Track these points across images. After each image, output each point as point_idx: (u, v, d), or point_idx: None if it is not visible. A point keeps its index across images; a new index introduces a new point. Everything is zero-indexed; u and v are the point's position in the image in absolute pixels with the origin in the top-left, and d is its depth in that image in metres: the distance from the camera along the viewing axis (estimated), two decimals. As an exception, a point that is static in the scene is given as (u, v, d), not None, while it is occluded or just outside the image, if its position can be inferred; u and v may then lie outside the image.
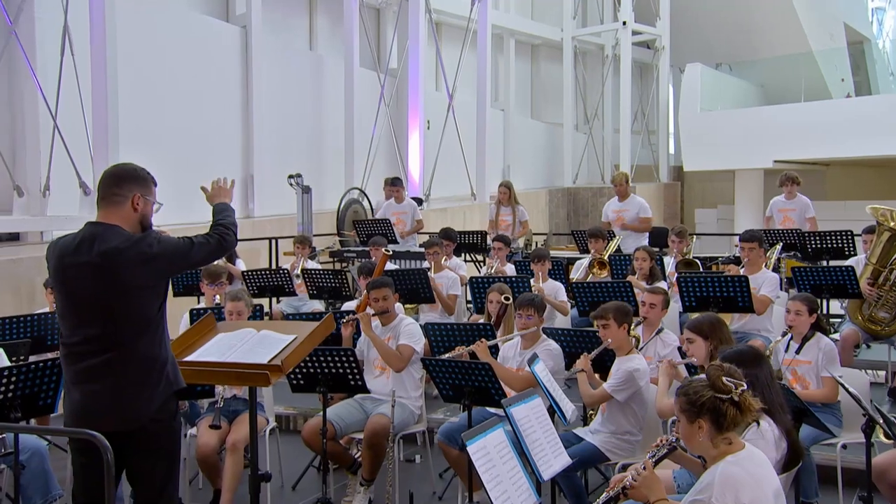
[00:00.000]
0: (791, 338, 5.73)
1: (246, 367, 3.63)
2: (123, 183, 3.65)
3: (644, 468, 3.34)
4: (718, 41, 23.56)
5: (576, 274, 8.92)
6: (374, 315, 5.87)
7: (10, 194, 10.50)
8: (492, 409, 5.39)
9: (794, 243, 9.24)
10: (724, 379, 3.25)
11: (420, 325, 6.10)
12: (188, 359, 3.78)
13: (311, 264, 9.44)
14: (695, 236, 9.01)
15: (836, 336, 7.78)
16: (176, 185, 12.41)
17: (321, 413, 5.50)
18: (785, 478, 3.80)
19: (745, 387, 3.28)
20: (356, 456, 5.85)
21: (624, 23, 21.47)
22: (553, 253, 11.19)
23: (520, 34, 21.73)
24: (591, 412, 5.71)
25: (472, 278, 7.62)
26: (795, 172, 10.44)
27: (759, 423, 3.80)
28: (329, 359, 5.12)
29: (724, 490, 3.11)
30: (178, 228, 12.05)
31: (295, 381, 5.28)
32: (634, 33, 22.33)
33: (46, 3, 10.07)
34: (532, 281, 7.65)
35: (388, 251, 6.82)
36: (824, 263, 8.98)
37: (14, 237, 10.79)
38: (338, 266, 10.79)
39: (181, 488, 5.90)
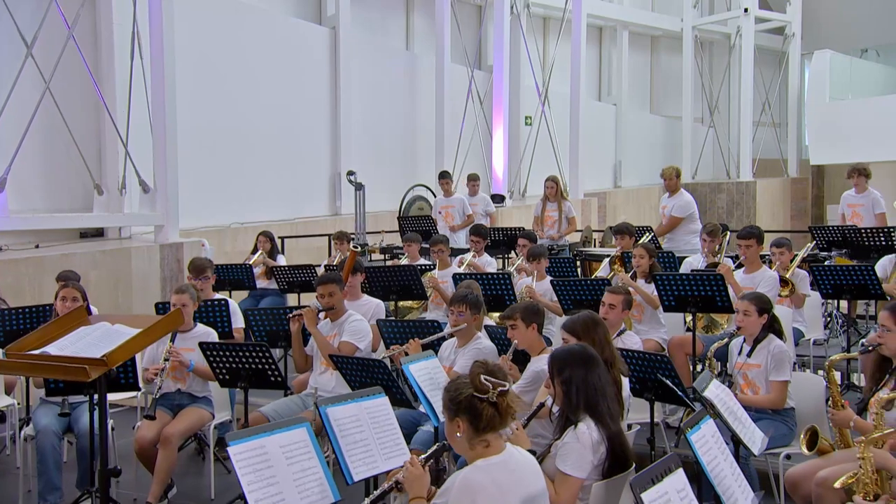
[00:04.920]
0: (744, 340, 5.36)
1: (70, 360, 3.75)
2: None
3: (412, 465, 3.25)
4: (863, 24, 21.96)
5: (602, 271, 8.65)
6: (320, 311, 5.92)
7: (92, 193, 11.25)
8: (420, 409, 5.33)
9: (837, 240, 8.57)
10: (482, 377, 3.12)
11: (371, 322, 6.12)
12: (35, 352, 3.94)
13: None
14: (729, 233, 8.49)
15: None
16: (266, 183, 13.19)
17: (262, 409, 5.64)
18: (605, 484, 3.59)
19: (506, 387, 3.14)
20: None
21: (746, 10, 20.47)
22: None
23: (635, 26, 21.13)
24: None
25: (454, 275, 7.53)
26: (866, 164, 9.67)
27: (576, 426, 3.62)
28: (246, 354, 5.21)
29: (461, 496, 2.98)
30: (277, 224, 12.66)
31: (220, 377, 5.39)
32: (761, 20, 21.27)
33: (121, 8, 10.74)
34: (522, 281, 7.46)
35: (357, 248, 6.84)
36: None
37: (100, 233, 11.56)
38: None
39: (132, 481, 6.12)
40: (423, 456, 3.29)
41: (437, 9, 15.80)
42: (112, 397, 6.47)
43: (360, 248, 7.20)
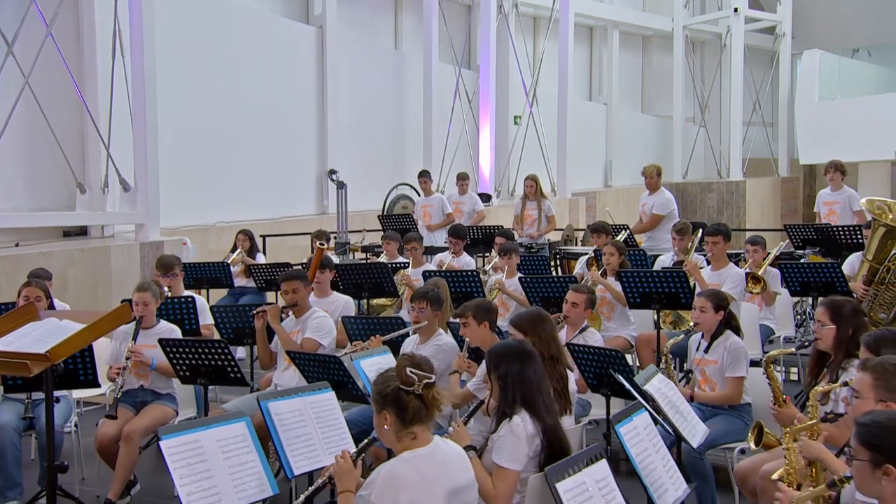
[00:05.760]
0: (702, 336, 5.39)
1: (12, 356, 3.76)
2: None
3: (343, 458, 3.28)
4: (854, 24, 21.95)
5: (578, 270, 8.68)
6: (284, 308, 5.94)
7: (75, 191, 11.27)
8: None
9: (812, 238, 8.60)
10: (407, 370, 3.15)
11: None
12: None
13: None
14: (699, 232, 8.51)
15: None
16: (252, 182, 13.22)
17: (224, 405, 5.66)
18: (541, 476, 3.59)
19: (432, 380, 3.16)
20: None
21: (735, 9, 20.48)
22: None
23: (625, 25, 21.13)
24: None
25: (425, 272, 7.56)
26: (841, 160, 9.70)
27: (511, 419, 3.64)
28: (206, 351, 5.22)
29: (385, 488, 3.00)
30: (263, 223, 12.69)
31: (181, 373, 5.39)
32: (751, 20, 21.29)
33: (102, 7, 10.76)
34: (494, 277, 7.49)
35: (324, 245, 6.86)
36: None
37: (83, 231, 11.59)
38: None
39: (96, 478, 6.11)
40: (353, 450, 3.32)
41: (424, 8, 15.83)
42: (82, 395, 6.51)
43: (325, 245, 7.16)
